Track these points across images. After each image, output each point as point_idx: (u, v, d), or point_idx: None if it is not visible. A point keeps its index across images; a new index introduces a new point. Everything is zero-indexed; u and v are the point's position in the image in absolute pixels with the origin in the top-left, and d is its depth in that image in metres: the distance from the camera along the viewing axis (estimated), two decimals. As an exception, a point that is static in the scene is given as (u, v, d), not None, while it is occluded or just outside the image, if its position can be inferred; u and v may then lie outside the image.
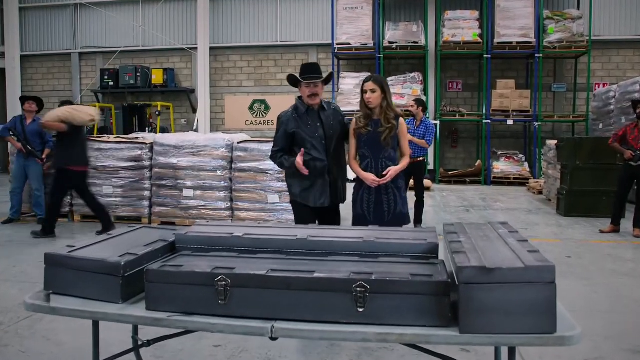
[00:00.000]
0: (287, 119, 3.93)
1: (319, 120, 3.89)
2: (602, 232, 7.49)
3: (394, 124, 3.78)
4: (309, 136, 3.87)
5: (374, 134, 3.79)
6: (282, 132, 3.94)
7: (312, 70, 3.93)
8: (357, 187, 3.94)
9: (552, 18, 13.81)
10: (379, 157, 3.80)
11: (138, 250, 2.08)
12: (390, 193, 3.86)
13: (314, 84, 3.83)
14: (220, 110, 16.65)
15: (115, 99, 16.82)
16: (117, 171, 8.14)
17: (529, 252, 1.76)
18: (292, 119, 3.91)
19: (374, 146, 3.80)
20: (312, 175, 3.84)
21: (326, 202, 3.87)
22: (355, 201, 3.91)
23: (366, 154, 3.87)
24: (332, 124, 3.93)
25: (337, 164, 3.95)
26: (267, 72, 16.18)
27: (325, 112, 3.94)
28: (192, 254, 2.10)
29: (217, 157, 7.77)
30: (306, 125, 3.88)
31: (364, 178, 3.77)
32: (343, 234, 2.24)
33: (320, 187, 3.89)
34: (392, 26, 14.42)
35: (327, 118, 3.92)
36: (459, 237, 2.03)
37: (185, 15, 16.81)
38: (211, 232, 2.26)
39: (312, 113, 3.91)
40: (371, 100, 3.76)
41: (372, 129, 3.80)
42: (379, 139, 3.76)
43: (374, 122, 3.81)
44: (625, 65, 14.96)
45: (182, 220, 7.96)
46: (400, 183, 3.92)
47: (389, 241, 2.09)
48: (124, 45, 16.73)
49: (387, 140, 3.77)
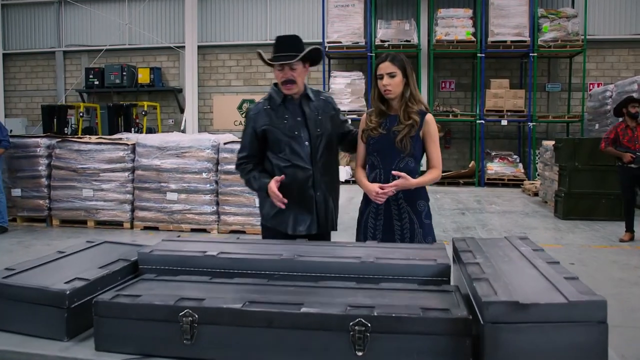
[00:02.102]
0: (255, 113, 2.92)
1: (300, 114, 2.87)
2: (622, 240, 7.09)
3: (416, 120, 2.75)
4: (285, 136, 2.84)
5: (387, 136, 2.78)
6: (249, 132, 2.92)
7: (286, 46, 2.82)
8: (362, 207, 2.95)
9: (546, 16, 13.55)
10: (392, 167, 2.76)
11: (91, 273, 1.73)
12: (405, 219, 2.80)
13: (288, 65, 2.77)
14: (209, 110, 16.27)
15: (100, 98, 16.39)
16: (98, 173, 7.78)
17: (567, 280, 1.43)
18: (263, 112, 2.89)
19: (386, 152, 2.79)
20: (290, 191, 2.82)
21: (312, 229, 2.86)
22: (359, 226, 2.94)
23: (375, 162, 2.84)
24: (320, 119, 2.89)
25: (326, 175, 2.92)
26: (257, 71, 15.81)
27: (311, 103, 2.91)
28: (155, 278, 1.75)
29: (202, 158, 7.41)
30: (282, 121, 2.86)
31: (365, 190, 2.82)
32: (337, 253, 1.90)
33: (301, 208, 2.86)
34: (384, 24, 14.10)
35: (313, 111, 2.89)
36: (476, 257, 1.70)
37: (173, 12, 16.41)
38: (180, 250, 1.91)
39: (292, 105, 2.88)
40: (390, 88, 2.75)
41: (385, 129, 2.80)
42: (393, 142, 2.76)
43: (390, 120, 2.81)
44: (619, 65, 14.75)
45: (166, 225, 7.61)
46: (422, 206, 2.83)
47: (391, 262, 1.75)
48: (110, 44, 16.29)
49: (404, 143, 2.74)
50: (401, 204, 2.82)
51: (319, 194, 2.90)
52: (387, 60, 2.80)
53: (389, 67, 2.76)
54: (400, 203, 2.82)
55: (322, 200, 2.92)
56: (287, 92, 2.82)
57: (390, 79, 2.76)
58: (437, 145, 2.85)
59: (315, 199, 2.89)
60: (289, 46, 2.84)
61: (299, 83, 2.85)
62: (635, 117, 6.90)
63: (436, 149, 2.85)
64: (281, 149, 2.87)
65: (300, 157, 2.86)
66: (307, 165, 2.86)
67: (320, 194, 2.90)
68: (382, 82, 2.77)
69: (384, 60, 2.80)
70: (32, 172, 7.95)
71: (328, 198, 2.94)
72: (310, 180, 2.87)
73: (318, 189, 2.90)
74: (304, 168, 2.86)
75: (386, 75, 2.76)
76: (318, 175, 2.88)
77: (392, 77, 2.75)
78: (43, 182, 7.94)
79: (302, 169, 2.86)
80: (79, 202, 7.82)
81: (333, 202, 2.99)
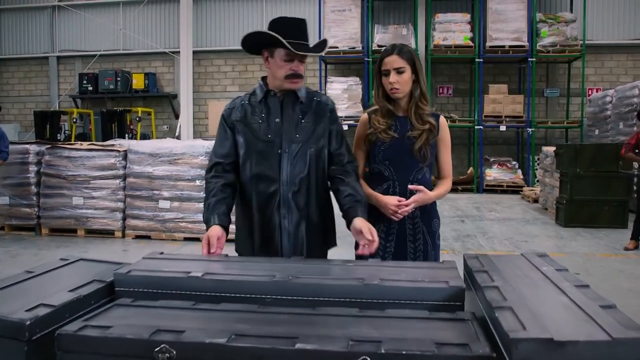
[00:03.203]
0: (231, 108, 2.41)
1: (278, 114, 2.33)
2: (627, 249, 6.89)
3: (433, 125, 2.38)
4: (256, 138, 2.31)
5: (401, 142, 2.39)
6: (221, 130, 2.41)
7: (297, 31, 2.28)
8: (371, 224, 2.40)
9: (545, 21, 13.41)
10: (409, 179, 2.39)
11: (59, 298, 1.53)
12: (420, 240, 2.41)
13: (299, 57, 2.27)
14: (204, 116, 16.05)
15: (94, 104, 16.17)
16: (88, 181, 7.57)
17: (604, 309, 1.23)
18: (240, 106, 2.39)
19: (401, 161, 2.39)
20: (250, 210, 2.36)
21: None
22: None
23: (385, 172, 2.43)
24: (307, 124, 2.33)
25: (302, 196, 2.32)
26: (252, 76, 15.61)
27: (297, 103, 2.35)
28: (132, 303, 1.55)
29: (195, 165, 7.21)
30: (256, 120, 2.33)
31: (381, 204, 2.37)
32: (336, 273, 1.70)
33: (263, 235, 2.34)
34: (381, 29, 13.93)
35: (296, 113, 2.33)
36: (493, 279, 1.50)
37: (168, 17, 16.23)
38: (161, 270, 1.71)
39: (273, 102, 2.34)
40: (398, 86, 2.35)
41: (398, 133, 2.40)
42: (409, 150, 2.38)
43: (399, 122, 2.42)
44: (618, 70, 14.62)
45: (159, 234, 7.41)
46: (436, 225, 2.50)
47: (398, 284, 1.55)
48: (104, 49, 16.10)
49: (423, 152, 2.37)
50: (417, 222, 2.43)
51: (287, 220, 2.30)
52: (394, 53, 2.38)
53: (397, 61, 2.35)
54: (416, 222, 2.43)
55: (291, 228, 2.31)
56: (293, 87, 2.31)
57: (398, 75, 2.34)
58: (449, 152, 2.53)
59: (280, 224, 2.30)
60: (300, 32, 2.30)
61: (304, 76, 2.39)
62: None
63: (449, 156, 2.53)
64: (248, 155, 2.34)
65: (268, 168, 2.30)
66: (275, 179, 2.29)
67: (290, 219, 2.30)
68: (389, 79, 2.35)
69: (391, 52, 2.38)
70: (21, 179, 7.75)
71: (300, 225, 2.31)
72: (275, 199, 2.30)
73: (286, 213, 2.30)
74: (271, 183, 2.30)
75: (393, 71, 2.35)
76: (288, 195, 2.29)
77: (401, 74, 2.34)
78: (32, 190, 7.73)
79: (267, 183, 2.30)
80: (69, 211, 7.61)
81: (310, 231, 2.34)
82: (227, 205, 2.31)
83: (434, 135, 2.41)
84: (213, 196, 2.32)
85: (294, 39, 2.23)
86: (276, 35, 2.20)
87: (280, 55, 2.27)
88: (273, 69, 2.31)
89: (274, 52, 2.29)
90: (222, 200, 2.31)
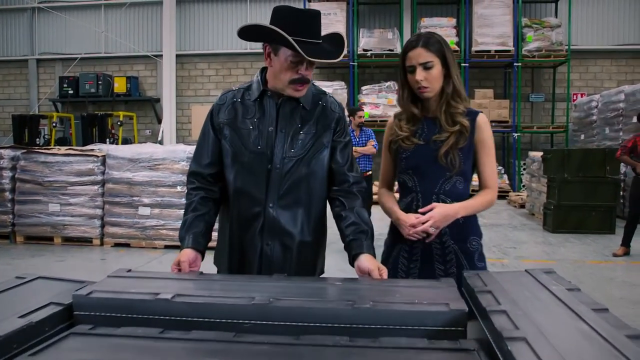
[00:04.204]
0: (220, 105, 2.05)
1: (273, 121, 1.98)
2: (616, 255, 6.79)
3: (465, 125, 2.02)
4: (244, 147, 1.98)
5: (426, 148, 2.05)
6: (205, 132, 2.08)
7: (311, 29, 1.87)
8: (389, 242, 2.20)
9: (530, 26, 13.40)
10: (434, 190, 2.04)
11: (6, 325, 1.33)
12: (452, 261, 2.04)
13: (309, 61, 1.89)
14: (187, 120, 15.81)
15: (75, 108, 15.85)
16: (65, 187, 7.33)
17: (631, 340, 1.08)
18: (231, 105, 2.03)
19: (426, 170, 2.05)
20: (230, 231, 2.07)
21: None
22: (386, 266, 2.01)
23: (409, 183, 2.09)
24: (306, 136, 1.98)
25: (292, 220, 2.00)
26: (236, 80, 15.42)
27: (298, 108, 2.00)
28: (90, 332, 1.36)
29: (176, 171, 7.00)
30: (247, 125, 1.99)
31: (398, 223, 2.06)
32: (324, 294, 1.53)
33: (243, 259, 2.04)
34: (366, 33, 13.83)
35: (295, 121, 1.98)
36: (499, 302, 1.34)
37: (150, 20, 15.99)
38: (127, 291, 1.52)
39: (269, 105, 2.00)
40: (426, 84, 2.00)
41: (423, 138, 2.07)
42: (434, 156, 2.03)
43: (427, 125, 2.08)
44: (602, 76, 14.66)
45: (138, 242, 7.18)
46: (475, 244, 2.10)
47: (393, 308, 1.38)
48: (85, 52, 15.82)
49: (450, 158, 2.01)
50: (446, 241, 2.05)
51: (270, 248, 1.98)
52: (419, 45, 2.00)
53: (423, 55, 1.98)
54: (445, 240, 2.05)
55: (275, 257, 1.99)
56: (297, 94, 1.95)
57: (425, 71, 1.98)
58: (492, 157, 2.09)
59: (262, 252, 1.99)
60: (316, 30, 1.88)
61: (310, 81, 1.99)
62: None
63: (490, 162, 2.09)
64: (233, 166, 2.00)
65: (254, 185, 1.97)
66: (259, 198, 1.97)
67: (273, 247, 1.98)
68: (415, 76, 2.00)
69: (415, 45, 2.01)
70: (-5, 185, 7.47)
71: (285, 255, 1.99)
72: (259, 222, 1.98)
73: (270, 240, 1.98)
74: (254, 202, 1.98)
75: (419, 67, 1.99)
76: (272, 217, 1.97)
77: (429, 69, 1.98)
78: (6, 196, 7.46)
79: (251, 202, 1.98)
80: (45, 218, 7.35)
81: (297, 262, 2.01)
82: (206, 223, 2.02)
83: (465, 137, 2.02)
84: (192, 211, 2.03)
85: (305, 37, 1.84)
86: (285, 35, 1.80)
87: (286, 55, 1.87)
88: (276, 69, 1.93)
89: (278, 50, 1.89)
90: (200, 217, 2.01)
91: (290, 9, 1.91)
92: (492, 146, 2.10)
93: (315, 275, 2.07)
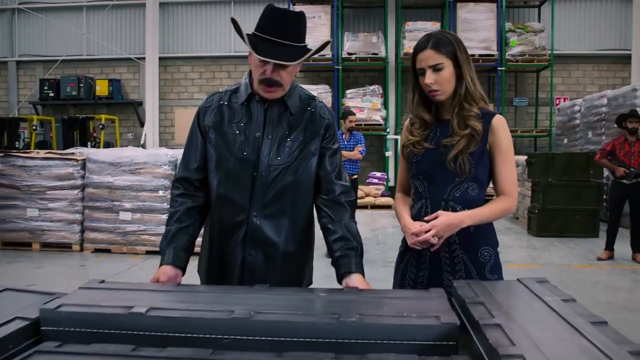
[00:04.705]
0: (207, 107, 1.98)
1: (260, 126, 1.92)
2: (600, 259, 6.82)
3: (477, 128, 1.90)
4: (229, 152, 1.91)
5: (435, 152, 1.95)
6: (192, 135, 2.00)
7: (282, 28, 1.82)
8: (402, 250, 2.09)
9: (514, 31, 13.47)
10: (443, 196, 1.94)
11: (-34, 343, 1.24)
12: (461, 271, 1.93)
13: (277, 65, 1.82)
14: (170, 123, 15.66)
15: (55, 111, 15.62)
16: (44, 191, 7.17)
17: (633, 356, 1.01)
18: (217, 108, 1.96)
19: (434, 175, 1.95)
20: (211, 240, 2.01)
21: None
22: (396, 274, 2.10)
23: (419, 188, 1.99)
24: (293, 143, 1.91)
25: (276, 231, 1.92)
26: (220, 84, 15.29)
27: (285, 113, 1.93)
28: (57, 349, 1.27)
29: (158, 175, 6.88)
30: (233, 130, 1.92)
31: (403, 230, 1.98)
32: (308, 307, 1.45)
33: (223, 271, 1.97)
34: (351, 37, 13.78)
35: (282, 127, 1.92)
36: (493, 315, 1.27)
37: (133, 22, 15.81)
38: (99, 305, 1.43)
39: (257, 110, 1.92)
40: (436, 87, 1.90)
41: (434, 142, 1.97)
42: (443, 161, 1.92)
43: (440, 128, 1.99)
44: (584, 80, 14.79)
45: (119, 247, 7.04)
46: (487, 255, 1.95)
47: (380, 321, 1.31)
48: (66, 54, 15.58)
49: (459, 163, 1.90)
50: (455, 250, 1.93)
51: (253, 259, 1.91)
52: (428, 47, 1.90)
53: (433, 57, 1.89)
54: (454, 249, 1.93)
55: (257, 269, 1.91)
56: (267, 96, 1.89)
57: (435, 74, 1.89)
58: (509, 161, 1.96)
59: (244, 263, 1.91)
60: (286, 30, 1.82)
61: (286, 85, 1.88)
62: (633, 132, 6.68)
63: (507, 167, 1.95)
64: (217, 171, 1.93)
65: (238, 192, 1.90)
66: (243, 206, 1.90)
67: (256, 258, 1.91)
68: (425, 80, 1.90)
69: (425, 47, 1.91)
70: (-29, 190, 7.28)
71: (268, 267, 1.92)
72: (241, 231, 1.90)
73: (252, 250, 1.91)
74: (238, 210, 1.90)
75: (429, 70, 1.89)
76: (256, 226, 1.89)
77: (439, 71, 1.89)
78: (-17, 201, 7.27)
79: (234, 210, 1.90)
80: (23, 223, 7.18)
81: (281, 275, 1.93)
82: (189, 236, 1.93)
83: (477, 141, 1.89)
84: (176, 222, 1.95)
85: (275, 37, 1.80)
86: (241, 31, 1.82)
87: (255, 58, 1.83)
88: (252, 66, 1.89)
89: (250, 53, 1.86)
90: (184, 230, 1.93)
91: (273, 8, 1.86)
92: (510, 150, 1.97)
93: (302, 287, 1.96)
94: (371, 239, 8.08)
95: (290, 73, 1.87)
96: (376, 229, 9.16)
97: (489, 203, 1.95)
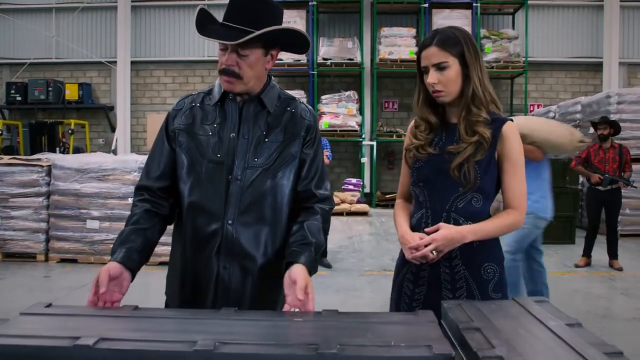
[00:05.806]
0: (177, 110, 1.84)
1: (236, 122, 1.76)
2: (578, 266, 6.80)
3: (484, 135, 1.75)
4: (202, 156, 1.75)
5: (439, 158, 1.81)
6: (158, 140, 1.85)
7: (242, 12, 1.68)
8: (399, 263, 1.94)
9: (489, 37, 13.53)
10: (444, 207, 1.79)
11: None
12: (462, 289, 1.77)
13: (233, 46, 1.66)
14: (142, 129, 15.30)
15: (23, 115, 15.16)
16: (7, 199, 6.89)
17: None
18: (189, 110, 1.81)
19: (436, 184, 1.81)
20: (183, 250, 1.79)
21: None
22: (393, 289, 1.95)
23: (420, 197, 1.85)
24: (271, 144, 1.76)
25: (253, 239, 1.74)
26: (194, 89, 14.86)
27: (263, 113, 1.78)
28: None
29: (128, 182, 6.65)
30: (205, 131, 1.77)
31: (400, 241, 1.85)
32: (281, 334, 1.28)
33: (196, 284, 1.77)
34: (326, 42, 13.69)
35: (259, 127, 1.76)
36: (492, 343, 1.12)
37: (105, 25, 15.44)
38: (41, 335, 1.24)
39: (231, 109, 1.77)
40: (440, 87, 1.76)
41: (438, 148, 1.83)
42: (447, 169, 1.78)
43: (447, 131, 1.84)
44: (557, 87, 14.92)
45: (86, 257, 6.79)
46: (490, 272, 1.80)
47: (364, 353, 1.15)
48: (34, 57, 15.13)
49: (463, 172, 1.76)
50: (456, 265, 1.78)
51: (228, 272, 1.73)
52: (433, 43, 1.75)
53: (437, 55, 1.74)
54: (455, 264, 1.78)
55: (233, 283, 1.74)
56: (226, 88, 1.74)
57: (439, 73, 1.74)
58: (518, 172, 1.79)
59: (218, 276, 1.74)
60: (245, 14, 1.67)
61: (247, 78, 1.71)
62: (603, 139, 6.67)
63: (517, 178, 1.79)
64: (189, 177, 1.76)
65: (212, 198, 1.73)
66: (217, 214, 1.73)
67: (232, 271, 1.73)
68: (428, 79, 1.76)
69: (429, 43, 1.76)
70: None
71: (245, 281, 1.74)
72: (215, 241, 1.73)
73: (227, 262, 1.73)
74: (212, 218, 1.73)
75: (432, 68, 1.75)
76: (231, 235, 1.72)
77: (443, 70, 1.74)
78: (-59, 209, 6.94)
79: (208, 218, 1.73)
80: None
81: (259, 288, 1.75)
82: (145, 239, 1.72)
83: (484, 149, 1.75)
84: (132, 224, 1.74)
85: (230, 21, 1.67)
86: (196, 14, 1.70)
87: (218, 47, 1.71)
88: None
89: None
90: (141, 232, 1.71)
91: None
92: (520, 160, 1.81)
93: (280, 305, 1.70)
94: (347, 246, 7.93)
95: (251, 66, 1.71)
96: (352, 237, 9.00)
97: (496, 217, 1.81)
